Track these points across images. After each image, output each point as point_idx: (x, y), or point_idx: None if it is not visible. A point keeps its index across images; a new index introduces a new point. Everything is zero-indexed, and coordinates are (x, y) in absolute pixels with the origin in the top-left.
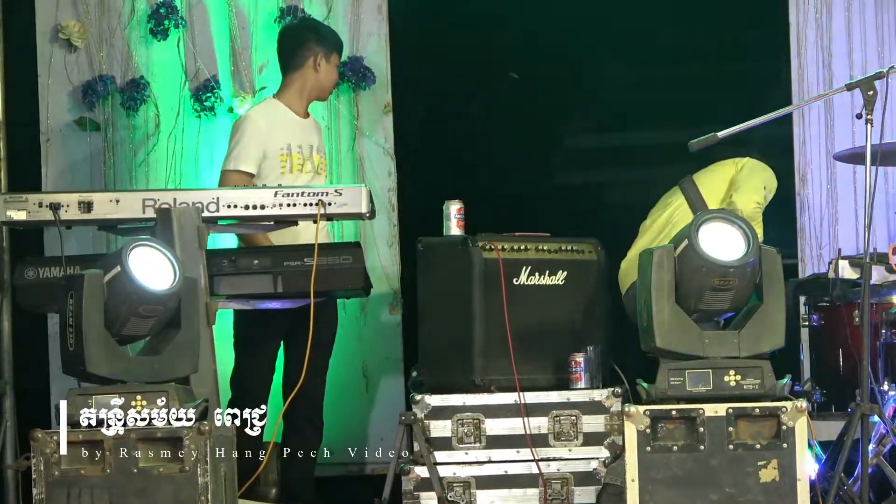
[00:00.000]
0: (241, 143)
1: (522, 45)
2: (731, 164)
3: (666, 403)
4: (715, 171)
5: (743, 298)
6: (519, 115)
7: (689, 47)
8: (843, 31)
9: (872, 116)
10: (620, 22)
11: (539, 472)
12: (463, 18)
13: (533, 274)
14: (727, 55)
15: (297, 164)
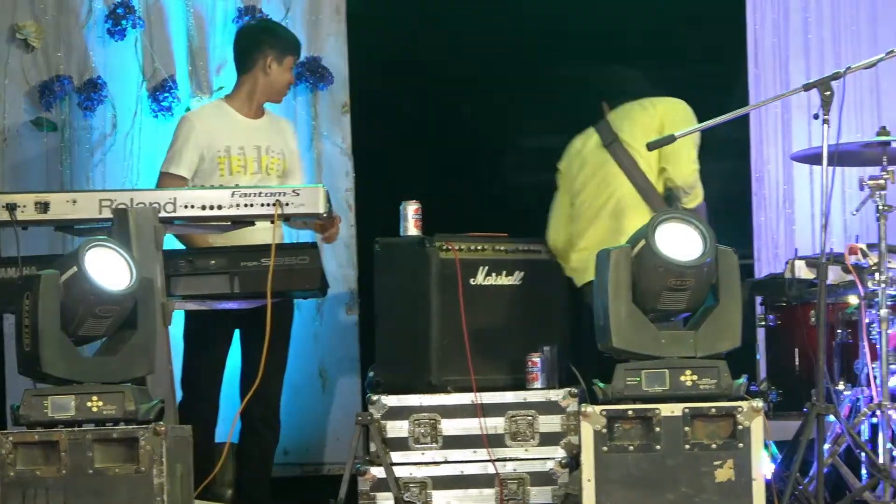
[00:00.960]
0: (175, 145)
1: (480, 46)
2: (649, 116)
3: (622, 403)
4: (638, 125)
5: (699, 298)
6: (476, 115)
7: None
8: (800, 32)
9: (829, 117)
10: (577, 23)
11: (495, 472)
12: (421, 20)
13: (490, 274)
14: (684, 56)
15: (236, 166)
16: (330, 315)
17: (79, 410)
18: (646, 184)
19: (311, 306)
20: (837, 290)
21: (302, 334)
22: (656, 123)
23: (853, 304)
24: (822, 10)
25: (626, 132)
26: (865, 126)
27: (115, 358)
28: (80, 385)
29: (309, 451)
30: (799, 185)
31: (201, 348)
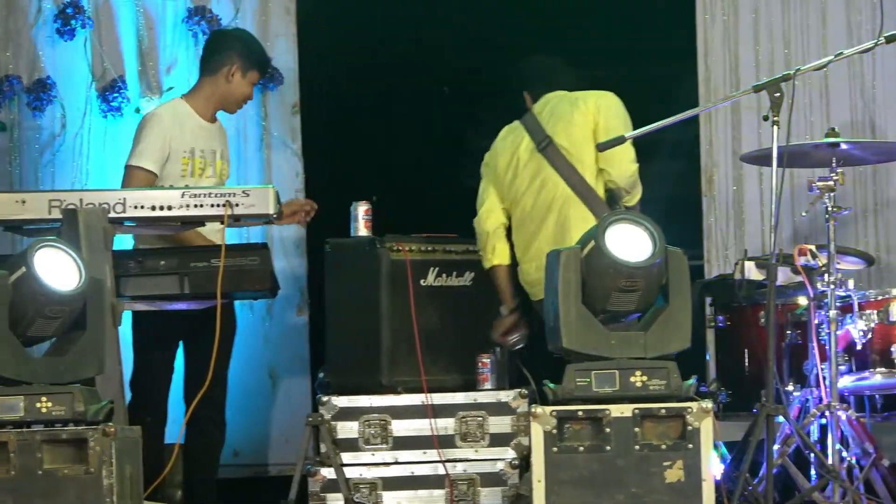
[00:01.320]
0: (147, 139)
1: (432, 45)
2: (581, 114)
3: (572, 404)
4: (574, 126)
5: (650, 299)
6: (427, 115)
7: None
8: (750, 34)
9: (779, 118)
10: (530, 23)
11: (445, 473)
12: (372, 20)
13: (440, 275)
14: (636, 57)
15: (198, 168)
16: (280, 316)
17: (27, 411)
18: (585, 188)
19: (262, 307)
20: (787, 291)
21: (252, 335)
22: (591, 122)
23: (802, 305)
24: (771, 12)
25: (560, 135)
26: (815, 128)
27: (64, 359)
28: (28, 386)
29: (259, 452)
30: (748, 186)
31: (152, 350)
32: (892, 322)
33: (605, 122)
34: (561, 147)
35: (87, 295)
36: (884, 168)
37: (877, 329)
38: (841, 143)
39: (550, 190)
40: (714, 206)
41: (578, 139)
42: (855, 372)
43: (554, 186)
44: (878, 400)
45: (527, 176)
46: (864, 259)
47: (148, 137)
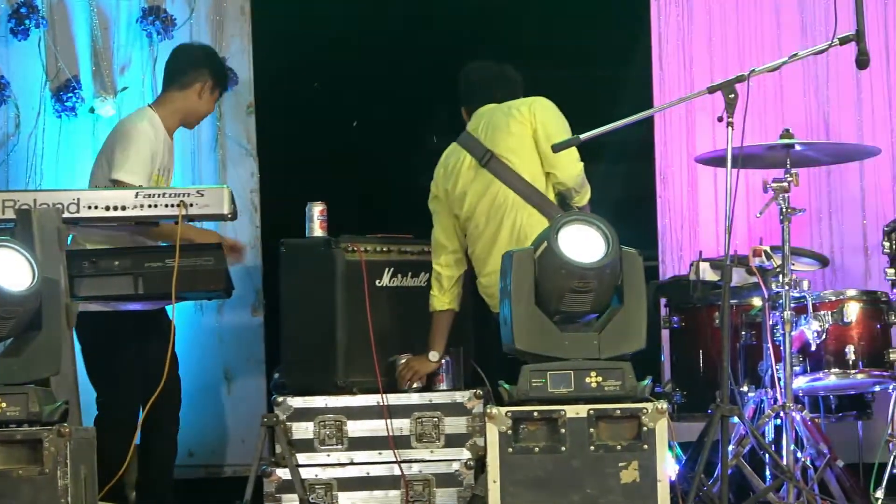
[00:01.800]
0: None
1: (387, 45)
2: (519, 123)
3: (527, 405)
4: (517, 143)
5: (604, 300)
6: (383, 115)
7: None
8: (705, 34)
9: (733, 119)
10: (485, 23)
11: (401, 473)
12: (327, 19)
13: (395, 275)
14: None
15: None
16: (235, 316)
17: None
18: (534, 193)
19: (216, 307)
20: (741, 292)
21: (207, 335)
22: (529, 129)
23: (757, 305)
24: (725, 13)
25: (500, 146)
26: (769, 129)
27: (18, 359)
28: None
29: (214, 452)
30: (703, 187)
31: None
32: (847, 323)
33: (545, 128)
34: (503, 157)
35: (41, 295)
36: (838, 169)
37: (831, 330)
38: (795, 145)
39: (500, 201)
40: (669, 208)
41: (519, 147)
42: (809, 373)
43: (504, 197)
44: (833, 401)
45: (475, 192)
46: (819, 260)
47: (138, 152)
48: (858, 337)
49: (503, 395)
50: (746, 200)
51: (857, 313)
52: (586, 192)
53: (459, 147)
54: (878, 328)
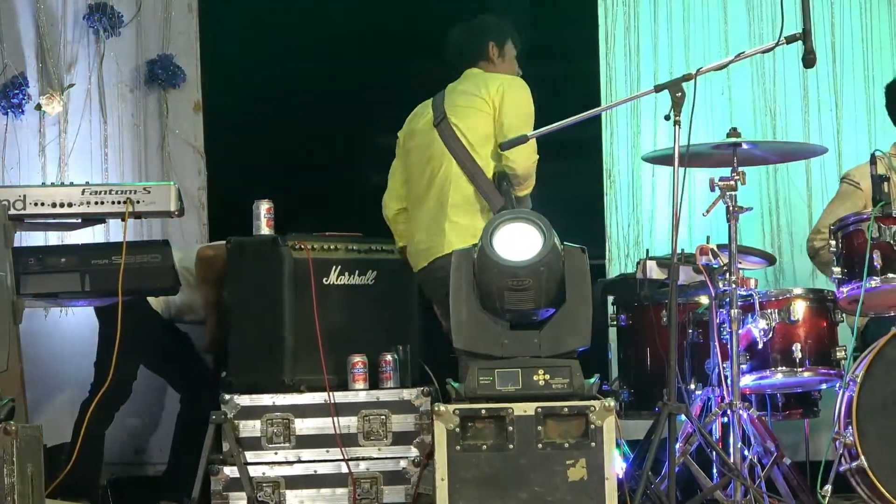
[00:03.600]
0: None
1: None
2: (481, 97)
3: (475, 402)
4: (473, 116)
5: (548, 297)
6: (331, 114)
7: None
8: (651, 34)
9: (680, 118)
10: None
11: (348, 471)
12: (275, 18)
13: (343, 273)
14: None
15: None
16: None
17: None
18: (473, 167)
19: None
20: (688, 290)
21: None
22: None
23: (704, 304)
24: (672, 12)
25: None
26: (716, 128)
27: None
28: None
29: (161, 450)
30: (650, 185)
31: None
32: (794, 321)
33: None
34: (454, 124)
35: None
36: (784, 168)
37: (778, 328)
38: (742, 143)
39: (437, 165)
40: (616, 206)
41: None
42: (756, 371)
43: (439, 162)
44: (779, 399)
45: (420, 150)
46: (766, 258)
47: None
48: (805, 335)
49: (451, 393)
50: (693, 199)
51: (803, 311)
52: (530, 185)
53: (429, 102)
54: (825, 326)
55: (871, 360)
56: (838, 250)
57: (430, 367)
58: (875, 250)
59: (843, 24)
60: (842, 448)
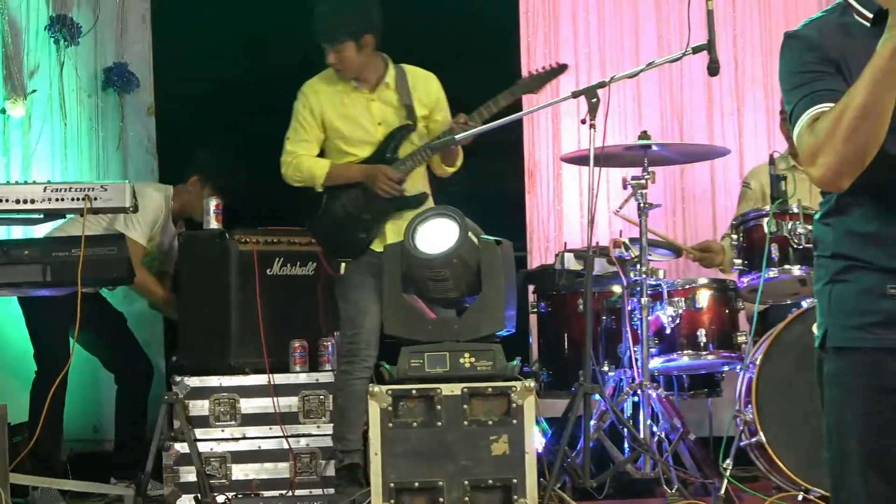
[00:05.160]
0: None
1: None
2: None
3: (406, 383)
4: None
5: (469, 285)
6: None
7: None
8: (569, 44)
9: (595, 122)
10: None
11: (289, 447)
12: (222, 26)
13: (285, 265)
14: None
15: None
16: (137, 302)
17: None
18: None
19: (121, 294)
20: (602, 280)
21: None
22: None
23: (617, 292)
24: (589, 23)
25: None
26: (628, 130)
27: None
28: None
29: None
30: (568, 184)
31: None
32: (699, 308)
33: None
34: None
35: None
36: (690, 168)
37: (684, 315)
38: (652, 145)
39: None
40: (536, 203)
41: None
42: (664, 354)
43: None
44: (685, 379)
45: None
46: (673, 251)
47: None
48: (709, 321)
49: (384, 375)
50: (607, 196)
51: (707, 300)
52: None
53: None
54: (727, 313)
55: (769, 345)
56: (739, 244)
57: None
58: (773, 244)
59: (744, 36)
60: (742, 425)
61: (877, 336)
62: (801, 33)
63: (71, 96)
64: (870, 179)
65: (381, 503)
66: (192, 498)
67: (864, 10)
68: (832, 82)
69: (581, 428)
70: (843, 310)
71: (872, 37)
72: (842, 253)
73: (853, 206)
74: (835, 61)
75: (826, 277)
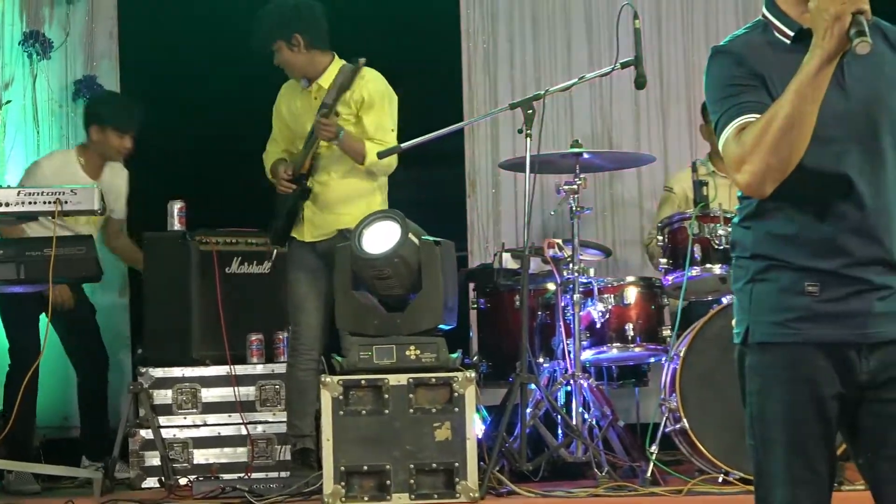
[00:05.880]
0: None
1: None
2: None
3: (356, 374)
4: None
5: (412, 283)
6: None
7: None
8: (507, 59)
9: (531, 131)
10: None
11: (247, 433)
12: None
13: (243, 264)
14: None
15: None
16: (104, 298)
17: None
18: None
19: (89, 290)
20: (537, 278)
21: None
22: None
23: (551, 290)
24: (525, 40)
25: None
26: (561, 139)
27: None
28: None
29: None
30: (505, 189)
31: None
32: (626, 304)
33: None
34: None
35: None
36: (619, 174)
37: (613, 310)
38: (583, 153)
39: None
40: (476, 206)
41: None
42: (595, 346)
43: None
44: (614, 370)
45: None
46: (603, 251)
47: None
48: (636, 316)
49: (336, 366)
50: (542, 200)
51: (635, 296)
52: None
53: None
54: (653, 309)
55: (692, 338)
56: (665, 244)
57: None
58: (696, 244)
59: (668, 53)
60: (667, 412)
61: (796, 331)
62: (729, 48)
63: (43, 106)
64: (791, 185)
65: (333, 485)
66: (156, 480)
67: (785, 29)
68: (758, 95)
69: (518, 415)
70: (765, 307)
71: (793, 53)
72: (761, 254)
73: (774, 210)
74: (760, 76)
75: (746, 277)
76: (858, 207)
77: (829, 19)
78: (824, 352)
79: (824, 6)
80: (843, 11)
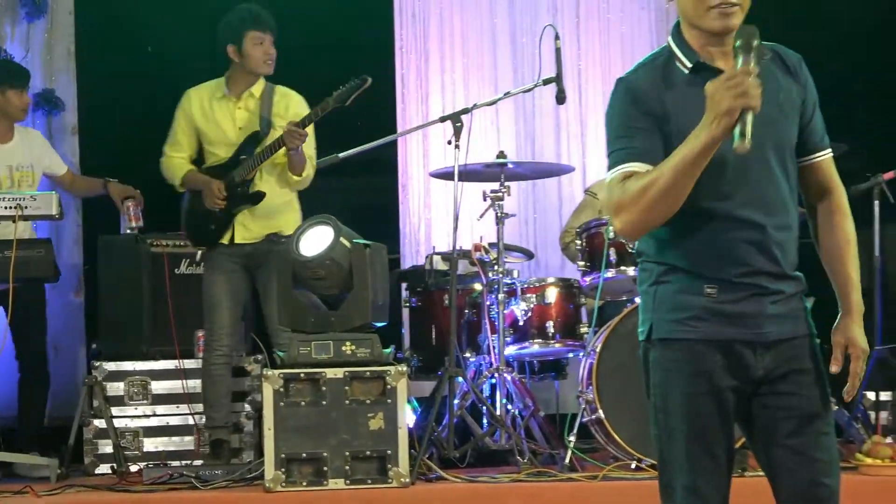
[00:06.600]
0: None
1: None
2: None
3: (296, 368)
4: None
5: (346, 283)
6: None
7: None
8: (438, 74)
9: (460, 143)
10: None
11: (194, 423)
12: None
13: (191, 265)
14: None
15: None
16: (61, 296)
17: None
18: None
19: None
20: (465, 279)
21: None
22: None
23: (477, 289)
24: (455, 57)
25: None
26: (487, 150)
27: None
28: None
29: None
30: (436, 196)
31: None
32: (547, 303)
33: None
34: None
35: None
36: (541, 183)
37: (535, 309)
38: (508, 163)
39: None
40: (409, 212)
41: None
42: (518, 342)
43: None
44: (536, 364)
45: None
46: (526, 254)
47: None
48: (556, 314)
49: (277, 361)
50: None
51: (555, 296)
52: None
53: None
54: (572, 308)
55: (607, 335)
56: (583, 247)
57: (260, 339)
58: (611, 248)
59: (587, 70)
60: (584, 404)
61: (694, 328)
62: (630, 82)
63: None
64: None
65: (274, 471)
66: (108, 467)
67: (685, 60)
68: (648, 140)
69: (446, 406)
70: (666, 306)
71: (690, 85)
72: (663, 261)
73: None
74: (655, 114)
75: (651, 279)
76: (753, 226)
77: (720, 112)
78: (721, 348)
79: (718, 98)
80: (734, 108)
